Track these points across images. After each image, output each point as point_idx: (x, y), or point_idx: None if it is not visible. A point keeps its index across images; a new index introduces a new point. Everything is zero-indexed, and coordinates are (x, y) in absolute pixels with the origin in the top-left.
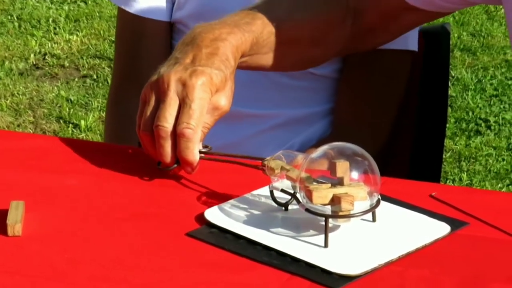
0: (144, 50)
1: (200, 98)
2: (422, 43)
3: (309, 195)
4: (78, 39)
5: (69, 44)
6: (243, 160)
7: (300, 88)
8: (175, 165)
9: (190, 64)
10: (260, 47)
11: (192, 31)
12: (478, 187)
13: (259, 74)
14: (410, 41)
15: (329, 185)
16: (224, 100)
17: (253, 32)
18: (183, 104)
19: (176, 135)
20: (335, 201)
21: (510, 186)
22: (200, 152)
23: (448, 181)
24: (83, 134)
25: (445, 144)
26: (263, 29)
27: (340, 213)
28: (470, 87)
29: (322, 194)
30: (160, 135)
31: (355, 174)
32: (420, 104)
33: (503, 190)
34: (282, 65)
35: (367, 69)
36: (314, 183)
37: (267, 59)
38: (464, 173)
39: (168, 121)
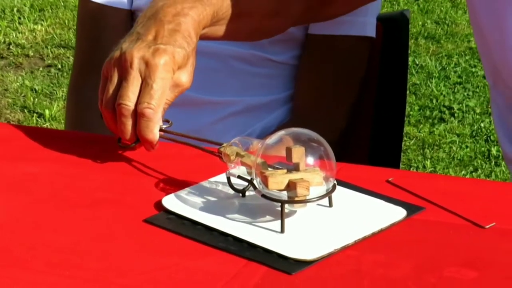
0: (105, 38)
1: (162, 78)
2: (381, 30)
3: (264, 181)
4: (43, 28)
5: (34, 34)
6: (202, 140)
7: (258, 75)
8: (135, 143)
9: (153, 42)
10: (219, 19)
11: (154, 4)
12: (442, 174)
13: (218, 61)
14: (368, 27)
15: (285, 170)
16: (185, 77)
17: (213, 5)
18: (144, 84)
19: (137, 114)
20: (290, 186)
21: (473, 173)
22: (161, 129)
23: (412, 168)
24: (48, 124)
25: (409, 131)
26: (223, 2)
27: (296, 199)
28: (434, 74)
29: (278, 180)
30: (122, 113)
31: (310, 160)
32: (379, 91)
33: (466, 177)
34: (239, 35)
35: (325, 55)
36: (270, 169)
37: (224, 30)
38: (427, 161)
39: (130, 100)
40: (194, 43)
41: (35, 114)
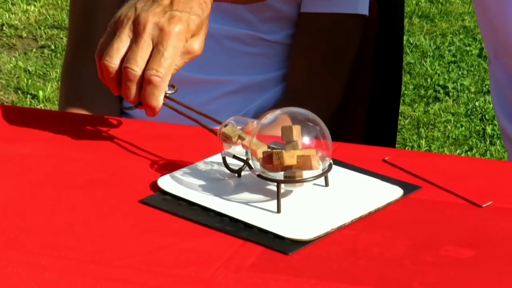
0: (98, 18)
1: (174, 47)
2: (376, 8)
3: (279, 156)
4: (36, 9)
5: (27, 15)
6: (202, 114)
7: (252, 54)
8: (137, 106)
9: (169, 7)
10: None
11: None
12: (438, 153)
13: (211, 41)
14: (359, 5)
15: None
16: (197, 45)
17: None
18: (156, 50)
19: (143, 79)
20: (302, 161)
21: (468, 152)
22: (165, 96)
23: (407, 148)
24: (42, 105)
25: (404, 111)
26: None
27: (297, 178)
28: (429, 53)
29: (289, 155)
30: (128, 77)
31: (306, 139)
32: (374, 70)
33: (461, 156)
34: None
35: (317, 33)
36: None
37: None
38: (422, 140)
39: (138, 65)
40: (209, 9)
41: (28, 96)
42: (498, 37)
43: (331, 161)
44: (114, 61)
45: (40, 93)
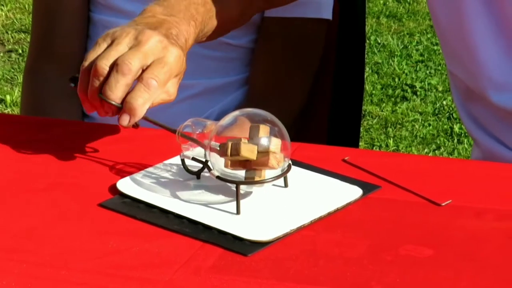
0: (61, 19)
1: (172, 68)
2: (338, 9)
3: (237, 147)
4: (3, 13)
5: None
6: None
7: (215, 58)
8: (119, 105)
9: (168, 35)
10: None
11: (152, 12)
12: (405, 153)
13: None
14: (324, 9)
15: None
16: (173, 88)
17: (200, 23)
18: (158, 61)
19: (139, 79)
20: (261, 158)
21: (436, 151)
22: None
23: (374, 147)
24: (9, 109)
25: (371, 110)
26: (204, 17)
27: (256, 179)
28: (396, 53)
29: (250, 148)
30: (122, 71)
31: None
32: (337, 71)
33: (429, 154)
34: (210, 39)
35: (280, 38)
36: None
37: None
38: (390, 139)
39: (135, 64)
40: (185, 68)
41: None
42: (454, 51)
43: (290, 162)
44: (107, 63)
45: (8, 97)
